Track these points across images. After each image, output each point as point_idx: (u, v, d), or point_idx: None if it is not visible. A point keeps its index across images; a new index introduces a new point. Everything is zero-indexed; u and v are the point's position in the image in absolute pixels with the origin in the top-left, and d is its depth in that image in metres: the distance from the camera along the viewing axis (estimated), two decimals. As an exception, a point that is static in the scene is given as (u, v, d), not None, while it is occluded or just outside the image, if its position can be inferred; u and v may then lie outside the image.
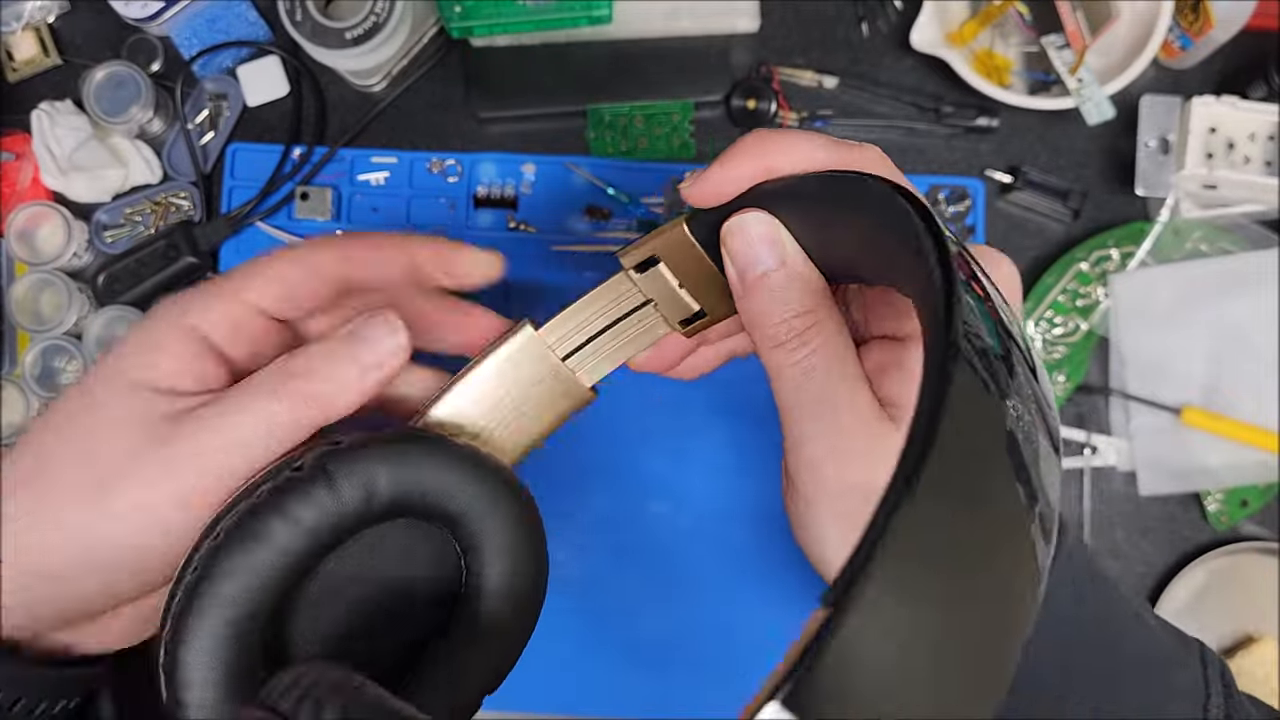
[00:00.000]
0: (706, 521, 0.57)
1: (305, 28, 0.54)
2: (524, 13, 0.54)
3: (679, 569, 0.57)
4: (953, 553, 0.15)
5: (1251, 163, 0.56)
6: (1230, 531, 0.58)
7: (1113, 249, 0.58)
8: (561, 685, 0.56)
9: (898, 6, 0.61)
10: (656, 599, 0.57)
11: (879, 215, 0.23)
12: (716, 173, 0.26)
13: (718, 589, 0.57)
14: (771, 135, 0.26)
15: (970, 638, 0.15)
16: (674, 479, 0.57)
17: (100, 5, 0.60)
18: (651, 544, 0.57)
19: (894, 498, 0.15)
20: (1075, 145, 0.60)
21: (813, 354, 0.26)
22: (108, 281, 0.58)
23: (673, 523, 0.57)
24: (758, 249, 0.26)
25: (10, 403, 0.57)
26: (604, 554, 0.57)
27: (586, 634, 0.57)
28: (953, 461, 0.15)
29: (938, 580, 0.15)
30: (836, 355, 0.26)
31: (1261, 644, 0.55)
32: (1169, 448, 0.57)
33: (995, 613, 0.15)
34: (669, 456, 0.58)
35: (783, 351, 0.26)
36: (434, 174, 0.60)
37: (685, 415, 0.58)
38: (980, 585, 0.15)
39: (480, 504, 0.29)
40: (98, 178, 0.58)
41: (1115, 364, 0.58)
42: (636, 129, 0.59)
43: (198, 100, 0.61)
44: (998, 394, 0.17)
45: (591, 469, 0.57)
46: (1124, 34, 0.57)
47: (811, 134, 0.26)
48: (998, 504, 0.16)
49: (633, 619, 0.57)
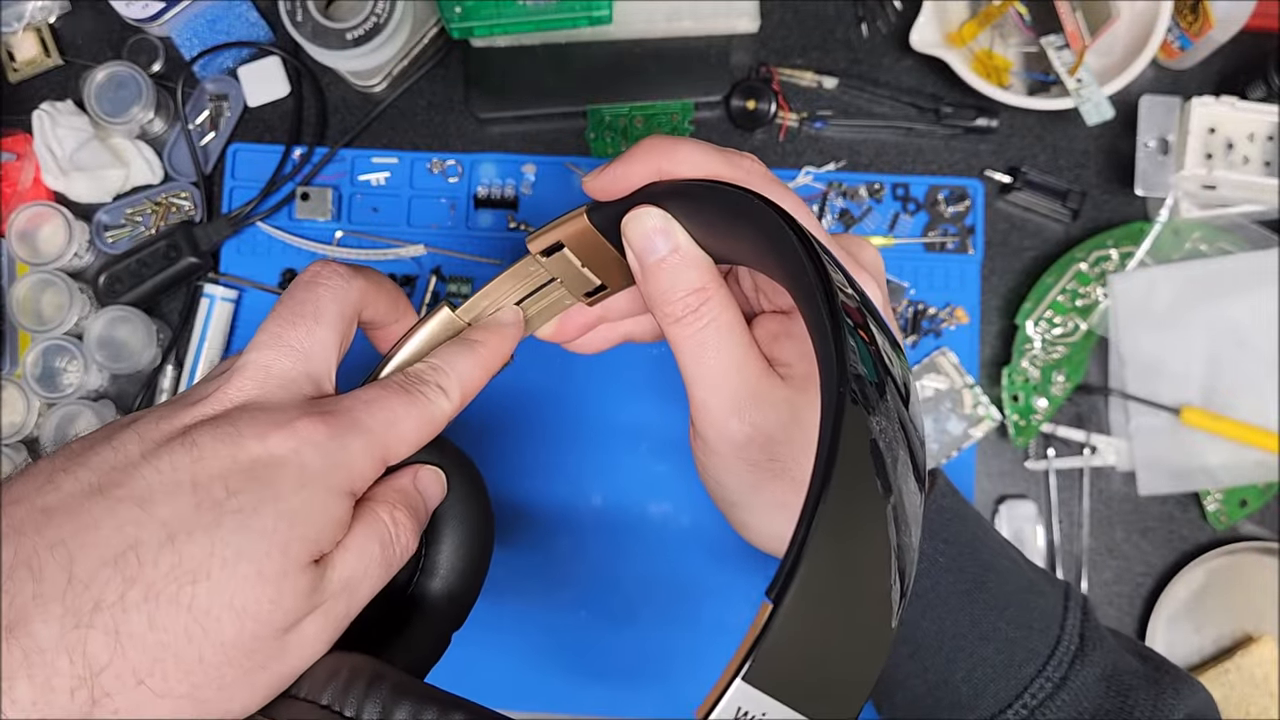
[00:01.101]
0: (706, 521, 0.57)
1: (306, 28, 0.54)
2: (524, 13, 0.54)
3: (678, 568, 0.57)
4: (841, 540, 0.20)
5: (1250, 163, 0.56)
6: (1229, 531, 0.58)
7: (1112, 249, 0.58)
8: (562, 685, 0.56)
9: (897, 7, 0.61)
10: (656, 598, 0.57)
11: (769, 239, 0.27)
12: (614, 170, 0.30)
13: (717, 589, 0.57)
14: (664, 141, 0.29)
15: (858, 597, 0.20)
16: (673, 479, 0.58)
17: (101, 6, 0.60)
18: (651, 544, 0.57)
19: (807, 519, 0.20)
20: (1075, 145, 0.60)
21: (706, 327, 0.30)
22: (109, 282, 0.58)
23: (672, 522, 0.57)
24: (654, 238, 0.29)
25: (11, 403, 0.57)
26: (603, 554, 0.57)
27: (586, 634, 0.57)
28: (838, 473, 0.20)
29: (835, 564, 0.20)
30: (727, 325, 0.30)
31: (1261, 643, 0.55)
32: (1168, 447, 0.57)
33: (871, 577, 0.21)
34: (669, 457, 0.58)
35: (680, 325, 0.30)
36: (434, 174, 0.60)
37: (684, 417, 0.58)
38: (857, 560, 0.20)
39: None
40: (99, 178, 0.59)
41: (1114, 364, 0.58)
42: (637, 129, 0.60)
43: (199, 101, 0.61)
44: (865, 409, 0.22)
45: (591, 470, 0.58)
46: (1123, 34, 0.57)
47: (699, 143, 0.29)
48: (865, 496, 0.21)
49: (632, 619, 0.57)
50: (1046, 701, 0.33)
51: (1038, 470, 0.58)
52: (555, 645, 0.57)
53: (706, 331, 0.30)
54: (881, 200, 0.59)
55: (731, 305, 0.30)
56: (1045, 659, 0.34)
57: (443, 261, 0.59)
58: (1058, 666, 0.34)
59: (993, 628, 0.34)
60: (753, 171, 0.30)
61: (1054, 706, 0.33)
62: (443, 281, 0.59)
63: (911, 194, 0.59)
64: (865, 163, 0.60)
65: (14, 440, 0.58)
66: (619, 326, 0.36)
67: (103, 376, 0.59)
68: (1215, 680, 0.55)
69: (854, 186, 0.59)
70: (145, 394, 0.59)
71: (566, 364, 0.58)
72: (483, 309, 0.35)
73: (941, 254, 0.59)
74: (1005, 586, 0.35)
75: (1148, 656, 0.37)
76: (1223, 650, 0.57)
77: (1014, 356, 0.58)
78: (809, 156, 0.60)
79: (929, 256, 0.59)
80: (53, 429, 0.57)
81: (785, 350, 0.31)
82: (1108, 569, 0.58)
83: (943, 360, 0.58)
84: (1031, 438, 0.58)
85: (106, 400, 0.59)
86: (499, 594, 0.56)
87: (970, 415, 0.58)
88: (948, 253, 0.59)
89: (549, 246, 0.33)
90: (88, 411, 0.57)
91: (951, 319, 0.59)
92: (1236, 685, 0.55)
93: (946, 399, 0.58)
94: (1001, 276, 0.60)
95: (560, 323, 0.36)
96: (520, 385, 0.58)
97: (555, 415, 0.58)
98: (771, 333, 0.32)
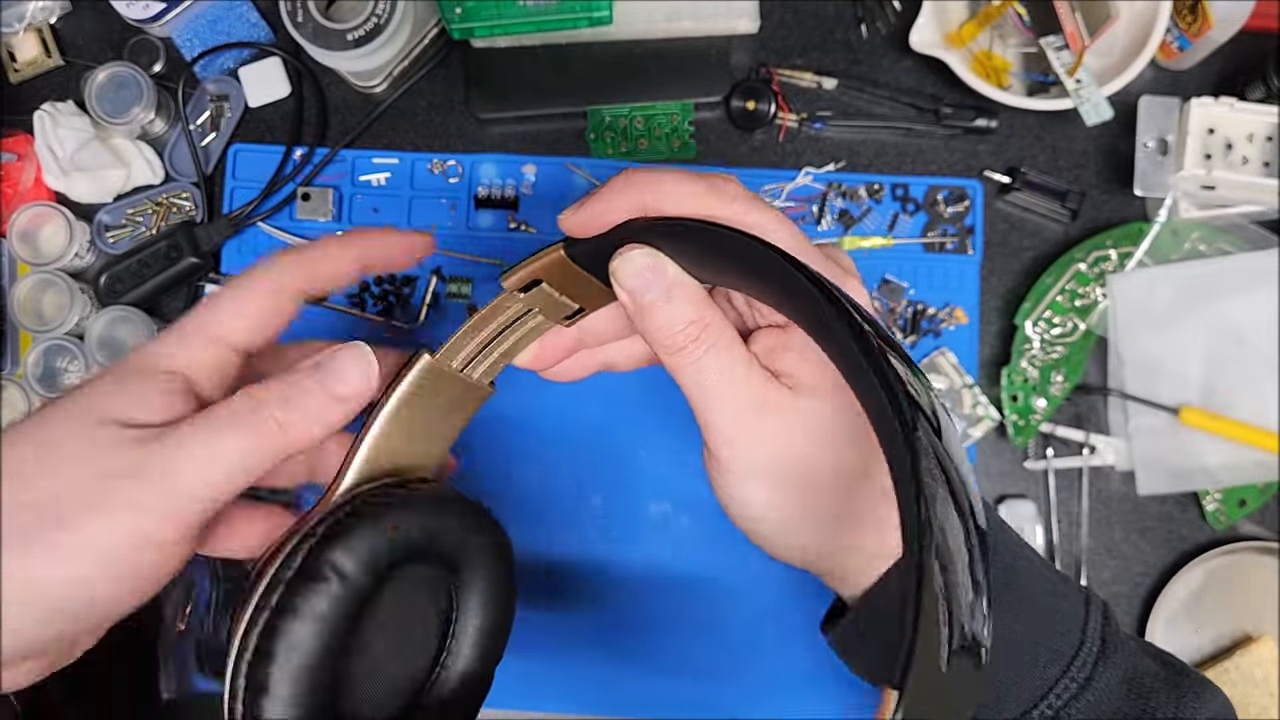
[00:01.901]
0: (705, 521, 0.57)
1: (307, 29, 0.54)
2: (525, 14, 0.54)
3: (677, 568, 0.57)
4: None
5: (1250, 163, 0.56)
6: (1228, 531, 0.58)
7: (1111, 249, 0.58)
8: (561, 685, 0.56)
9: (896, 8, 0.61)
10: (656, 598, 0.57)
11: (775, 282, 0.27)
12: (593, 207, 0.30)
13: (717, 588, 0.57)
14: (641, 175, 0.29)
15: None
16: (673, 480, 0.58)
17: (102, 6, 0.60)
18: (650, 544, 0.57)
19: (915, 603, 0.20)
20: (1074, 146, 0.60)
21: (705, 353, 0.30)
22: (110, 282, 0.58)
23: (672, 522, 0.57)
24: (645, 277, 0.30)
25: (12, 403, 0.58)
26: (603, 554, 0.57)
27: (586, 634, 0.57)
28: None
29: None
30: (726, 346, 0.30)
31: (1260, 643, 0.56)
32: (1167, 447, 0.57)
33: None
34: (669, 458, 0.58)
35: (680, 355, 0.30)
36: (435, 175, 0.60)
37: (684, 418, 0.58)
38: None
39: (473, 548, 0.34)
40: (100, 178, 0.59)
41: (1113, 364, 0.58)
42: (637, 130, 0.60)
43: (199, 101, 0.61)
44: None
45: (591, 471, 0.58)
46: (1122, 35, 0.58)
47: (682, 175, 0.29)
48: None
49: (632, 618, 0.57)
50: (1071, 703, 0.33)
51: (1037, 470, 0.58)
52: (556, 645, 0.57)
53: (706, 357, 0.30)
54: (881, 201, 0.59)
55: (728, 327, 0.31)
56: (1069, 661, 0.34)
57: (443, 262, 0.59)
58: (1081, 668, 0.34)
59: (1016, 629, 0.34)
60: (736, 197, 0.30)
61: (1077, 708, 0.33)
62: (443, 281, 0.59)
63: (911, 194, 0.59)
64: (865, 163, 0.60)
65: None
66: (598, 354, 0.36)
67: (104, 376, 0.59)
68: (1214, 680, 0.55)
69: (853, 187, 0.59)
70: (146, 394, 0.59)
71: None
72: (460, 347, 0.35)
73: (941, 254, 0.59)
74: (1028, 589, 0.35)
75: (1168, 661, 0.37)
76: (1222, 650, 0.57)
77: (1013, 356, 0.58)
78: (808, 157, 0.60)
79: (928, 257, 0.59)
80: (54, 429, 0.57)
81: (786, 362, 0.32)
82: (1106, 569, 0.58)
83: (942, 360, 0.58)
84: (1030, 438, 0.58)
85: (107, 400, 0.59)
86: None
87: (969, 415, 0.58)
88: (947, 253, 0.59)
89: (526, 284, 0.33)
90: (89, 411, 0.57)
91: (951, 319, 0.59)
92: (1236, 685, 0.55)
93: (946, 399, 0.58)
94: (1000, 277, 0.60)
95: (539, 348, 0.36)
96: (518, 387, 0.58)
97: (555, 415, 0.58)
98: (769, 347, 0.32)
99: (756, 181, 0.59)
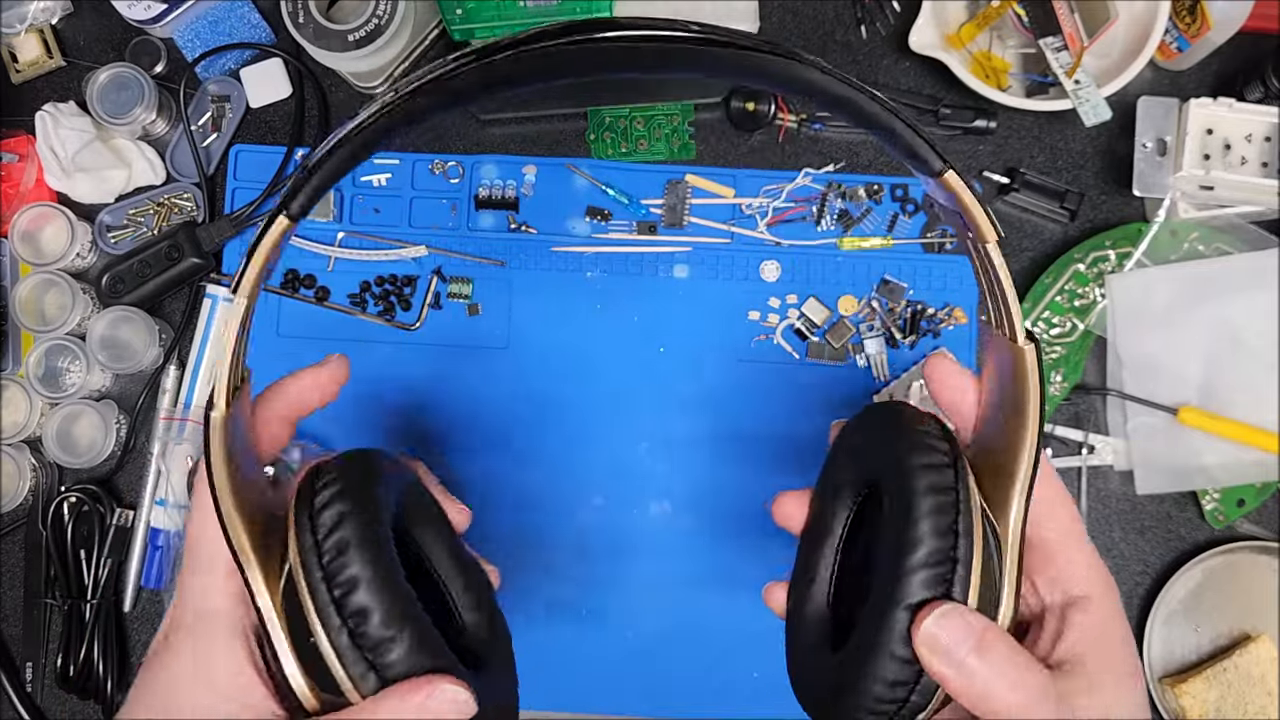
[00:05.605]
0: (705, 520, 0.57)
1: (308, 30, 0.55)
2: (525, 14, 0.54)
3: (677, 568, 0.57)
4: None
5: (1248, 164, 0.56)
6: (1227, 530, 0.58)
7: (1110, 249, 0.59)
8: (562, 684, 0.57)
9: (896, 9, 0.61)
10: (655, 598, 0.57)
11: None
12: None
13: (717, 587, 0.57)
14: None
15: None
16: (674, 480, 0.58)
17: (104, 7, 0.60)
18: (650, 544, 0.57)
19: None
20: (1073, 147, 0.61)
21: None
22: (111, 282, 0.58)
23: (672, 522, 0.58)
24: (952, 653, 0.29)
25: (13, 402, 0.58)
26: (603, 554, 0.57)
27: (586, 633, 0.57)
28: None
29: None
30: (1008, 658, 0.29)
31: (1258, 642, 0.56)
32: (1166, 447, 0.57)
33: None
34: (669, 458, 0.58)
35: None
36: (436, 175, 0.60)
37: (684, 418, 0.58)
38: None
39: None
40: (101, 179, 0.59)
41: (1112, 364, 0.58)
42: (637, 131, 0.60)
43: (201, 102, 0.61)
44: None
45: (591, 471, 0.58)
46: (1121, 36, 0.58)
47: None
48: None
49: (632, 618, 0.57)
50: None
51: (1036, 470, 0.59)
52: (555, 645, 0.57)
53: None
54: (880, 201, 0.60)
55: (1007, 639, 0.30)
56: None
57: (444, 262, 0.59)
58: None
59: None
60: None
61: None
62: (444, 281, 0.59)
63: (910, 195, 0.60)
64: (864, 164, 0.60)
65: (16, 440, 0.58)
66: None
67: (105, 376, 0.59)
68: (1213, 679, 0.55)
69: (853, 188, 0.60)
70: (147, 394, 0.59)
71: (568, 368, 0.58)
72: None
73: (940, 255, 0.59)
74: None
75: None
76: (1220, 649, 0.57)
77: (1012, 356, 0.58)
78: (808, 158, 0.60)
79: (928, 257, 0.59)
80: (55, 429, 0.57)
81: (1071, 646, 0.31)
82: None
83: (941, 360, 0.58)
84: (1030, 437, 0.58)
85: (109, 400, 0.59)
86: (499, 594, 0.56)
87: (969, 415, 0.58)
88: (946, 254, 0.59)
89: None
90: (90, 411, 0.57)
91: (950, 319, 0.59)
92: (1234, 684, 0.55)
93: (945, 399, 0.58)
94: (1000, 277, 0.60)
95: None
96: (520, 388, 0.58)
97: (556, 416, 0.58)
98: (1055, 630, 0.31)
99: (756, 182, 0.60)
